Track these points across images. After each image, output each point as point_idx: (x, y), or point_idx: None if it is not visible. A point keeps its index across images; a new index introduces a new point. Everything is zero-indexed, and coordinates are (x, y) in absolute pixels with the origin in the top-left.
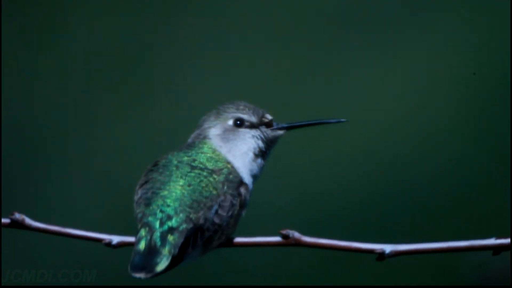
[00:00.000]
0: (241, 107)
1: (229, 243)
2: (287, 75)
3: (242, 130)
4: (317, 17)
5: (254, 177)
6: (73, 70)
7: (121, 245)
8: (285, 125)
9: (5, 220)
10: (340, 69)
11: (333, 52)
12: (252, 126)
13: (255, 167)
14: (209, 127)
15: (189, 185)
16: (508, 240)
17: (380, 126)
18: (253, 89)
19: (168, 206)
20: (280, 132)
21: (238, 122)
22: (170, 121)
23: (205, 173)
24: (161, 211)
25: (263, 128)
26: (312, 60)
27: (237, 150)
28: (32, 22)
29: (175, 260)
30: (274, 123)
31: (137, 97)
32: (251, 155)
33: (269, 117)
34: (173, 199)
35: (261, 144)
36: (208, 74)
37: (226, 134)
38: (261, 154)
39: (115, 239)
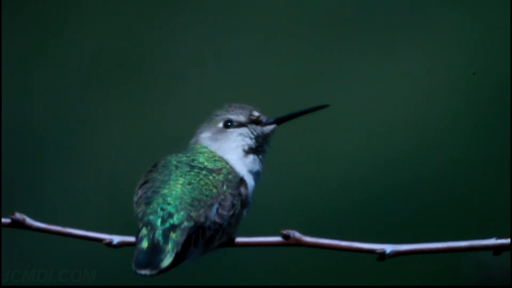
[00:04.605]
0: (231, 109)
1: (230, 243)
2: (288, 77)
3: (230, 130)
4: (317, 18)
5: (253, 173)
6: (73, 70)
7: (121, 245)
8: (273, 120)
9: (5, 220)
10: (341, 69)
11: (334, 53)
12: (241, 125)
13: (248, 163)
14: (201, 132)
15: (189, 184)
16: (508, 240)
17: (381, 126)
18: (254, 90)
19: (169, 204)
20: (270, 127)
21: (229, 123)
22: (170, 121)
23: (204, 172)
24: (162, 209)
25: (252, 126)
26: (313, 61)
27: (225, 147)
28: (32, 22)
29: (178, 258)
30: (263, 119)
31: (138, 98)
32: (240, 151)
33: (256, 114)
34: (174, 197)
35: (249, 141)
36: (209, 75)
37: (215, 135)
38: (252, 150)
39: (116, 239)
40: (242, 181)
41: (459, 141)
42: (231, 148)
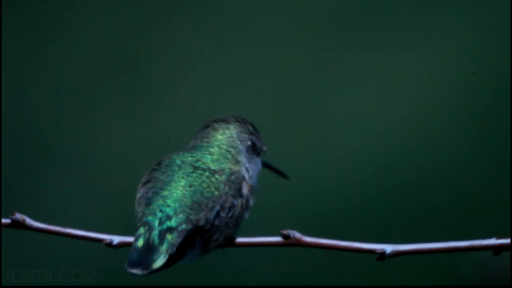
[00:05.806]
0: (255, 132)
1: (230, 243)
2: (288, 76)
3: (256, 157)
4: (316, 17)
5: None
6: (73, 71)
7: (122, 245)
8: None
9: (5, 220)
10: (340, 69)
11: (333, 53)
12: (258, 153)
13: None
14: (241, 141)
15: (190, 186)
16: (508, 240)
17: (381, 126)
18: (254, 90)
19: (168, 206)
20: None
21: (252, 146)
22: (170, 121)
23: (207, 174)
24: (161, 211)
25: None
26: (312, 60)
27: (253, 173)
28: (33, 22)
29: (173, 259)
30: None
31: (138, 98)
32: (256, 179)
33: (265, 150)
34: (174, 200)
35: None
36: (209, 75)
37: (248, 153)
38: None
39: (116, 239)
40: (245, 183)
41: (459, 140)
42: (254, 176)
